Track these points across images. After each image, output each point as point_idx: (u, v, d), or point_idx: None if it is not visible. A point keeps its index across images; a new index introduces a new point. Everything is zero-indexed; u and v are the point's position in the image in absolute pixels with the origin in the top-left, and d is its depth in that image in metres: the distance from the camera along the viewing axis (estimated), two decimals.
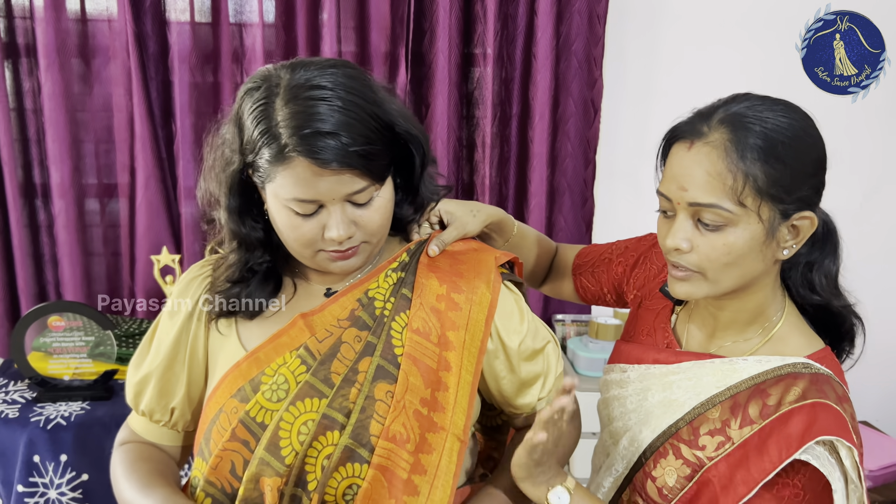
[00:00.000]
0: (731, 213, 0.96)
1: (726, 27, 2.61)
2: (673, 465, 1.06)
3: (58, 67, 2.17)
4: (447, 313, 1.07)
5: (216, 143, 1.04)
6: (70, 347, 1.89)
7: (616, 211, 2.65)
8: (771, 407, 0.99)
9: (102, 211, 2.35)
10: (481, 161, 2.45)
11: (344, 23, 2.33)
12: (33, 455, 1.74)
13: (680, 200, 0.99)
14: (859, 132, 2.74)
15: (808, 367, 1.02)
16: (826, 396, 0.98)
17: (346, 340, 1.04)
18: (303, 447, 0.99)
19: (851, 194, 2.81)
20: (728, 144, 0.95)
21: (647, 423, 1.11)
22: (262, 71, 1.01)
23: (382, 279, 1.09)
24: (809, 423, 0.96)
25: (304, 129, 0.92)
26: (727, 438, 1.02)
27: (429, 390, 1.03)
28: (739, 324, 1.09)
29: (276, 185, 0.96)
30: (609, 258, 1.36)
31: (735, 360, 1.06)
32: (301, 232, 0.98)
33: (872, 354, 3.13)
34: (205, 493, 1.02)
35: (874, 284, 2.84)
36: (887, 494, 2.46)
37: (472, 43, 2.40)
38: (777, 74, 2.68)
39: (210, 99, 2.31)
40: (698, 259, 1.00)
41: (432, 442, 1.02)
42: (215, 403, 1.05)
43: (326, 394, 1.01)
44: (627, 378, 1.18)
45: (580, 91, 2.45)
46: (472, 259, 1.13)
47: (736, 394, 1.04)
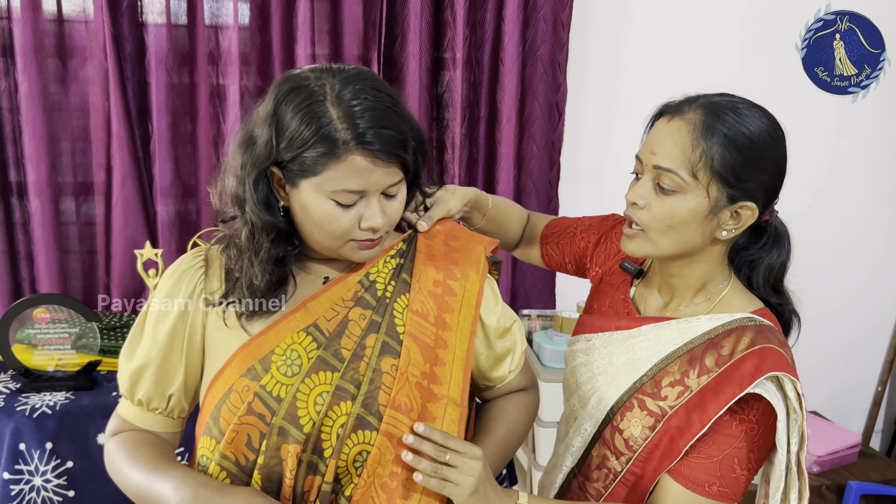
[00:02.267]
0: (684, 181, 1.10)
1: (726, 27, 2.65)
2: (638, 417, 1.18)
3: (35, 67, 2.19)
4: (443, 297, 1.17)
5: (244, 144, 1.08)
6: (54, 339, 1.92)
7: (579, 210, 2.69)
8: (725, 356, 1.12)
9: (78, 209, 2.37)
10: (451, 161, 2.54)
11: (318, 26, 2.40)
12: (19, 443, 1.76)
13: (648, 163, 1.13)
14: (859, 132, 2.80)
15: (753, 321, 1.15)
16: (771, 342, 1.11)
17: (353, 318, 1.12)
18: (319, 416, 1.06)
19: (852, 194, 2.88)
20: (698, 123, 1.09)
21: (612, 383, 1.23)
22: (294, 75, 1.07)
23: (382, 265, 1.18)
24: (759, 364, 1.09)
25: (364, 125, 1.01)
26: (686, 388, 1.14)
27: (427, 365, 1.12)
28: (690, 290, 1.22)
29: (322, 178, 1.03)
30: (573, 232, 1.50)
31: (689, 320, 1.19)
32: (340, 223, 1.06)
33: (822, 349, 3.26)
34: (220, 468, 1.07)
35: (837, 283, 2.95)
36: (833, 478, 2.60)
37: (442, 47, 2.48)
38: (777, 74, 2.71)
39: (186, 99, 2.35)
40: (647, 217, 1.14)
41: (433, 410, 1.12)
42: (223, 384, 1.09)
43: (338, 367, 1.09)
44: (593, 346, 1.29)
45: (545, 95, 2.55)
46: (465, 248, 1.24)
47: (692, 348, 1.16)
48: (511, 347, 1.27)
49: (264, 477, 1.06)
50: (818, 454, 2.60)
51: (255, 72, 2.38)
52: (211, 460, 1.09)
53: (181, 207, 2.43)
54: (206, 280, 1.16)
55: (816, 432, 2.72)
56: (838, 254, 2.98)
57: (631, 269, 1.32)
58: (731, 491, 1.12)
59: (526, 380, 1.32)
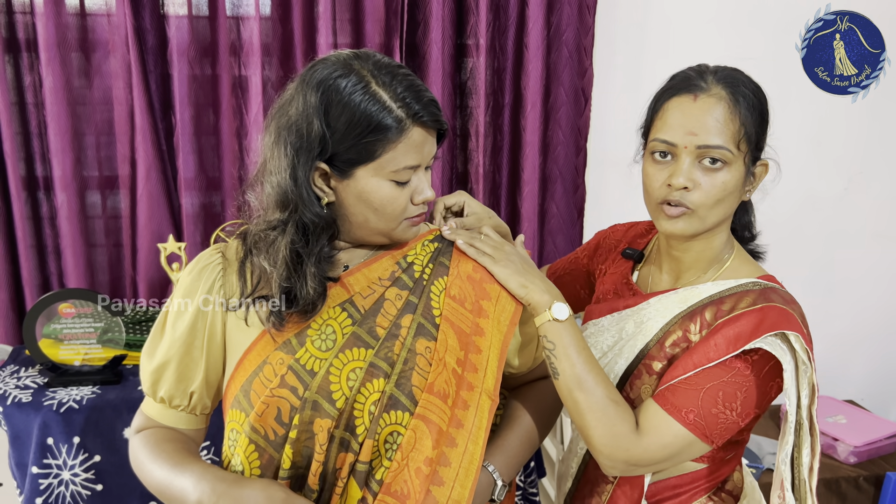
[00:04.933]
0: (732, 153, 1.12)
1: (724, 25, 2.62)
2: (647, 383, 1.19)
3: (58, 62, 2.20)
4: (482, 284, 1.17)
5: (290, 141, 1.05)
6: (80, 334, 1.92)
7: (607, 197, 2.70)
8: (725, 311, 1.14)
9: (104, 202, 2.38)
10: (475, 150, 2.50)
11: (339, 15, 2.38)
12: (47, 437, 1.77)
13: (688, 144, 1.13)
14: (859, 132, 2.76)
15: (757, 285, 1.17)
16: (773, 301, 1.12)
17: (389, 298, 1.13)
18: (352, 392, 1.06)
19: (851, 194, 2.85)
20: (729, 97, 1.12)
21: (621, 355, 1.24)
22: (326, 67, 1.06)
23: (420, 248, 1.19)
24: (760, 321, 1.09)
25: (412, 100, 1.05)
26: (688, 342, 1.16)
27: (463, 352, 1.12)
28: (703, 262, 1.23)
29: (382, 161, 1.05)
30: (575, 258, 1.53)
31: (696, 286, 1.20)
32: (399, 202, 1.08)
33: (857, 336, 3.21)
34: (249, 440, 1.07)
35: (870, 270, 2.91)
36: (871, 469, 2.54)
37: (465, 34, 2.45)
38: (777, 74, 2.68)
39: (208, 91, 2.35)
40: (699, 197, 1.14)
41: (467, 399, 1.11)
42: (257, 356, 1.09)
43: (372, 345, 1.09)
44: (602, 328, 1.30)
45: (571, 80, 2.50)
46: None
47: (694, 308, 1.17)
48: (536, 334, 1.24)
49: (296, 452, 1.06)
50: (855, 444, 2.54)
51: (276, 62, 2.37)
52: (240, 433, 1.09)
53: (205, 200, 2.43)
54: (225, 276, 1.15)
55: (853, 422, 2.66)
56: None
57: (632, 254, 1.35)
58: (707, 425, 1.10)
59: None
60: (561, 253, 2.63)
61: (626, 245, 1.40)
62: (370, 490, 1.06)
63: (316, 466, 1.05)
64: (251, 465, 1.08)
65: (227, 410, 1.13)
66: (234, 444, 1.11)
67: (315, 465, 1.05)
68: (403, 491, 1.04)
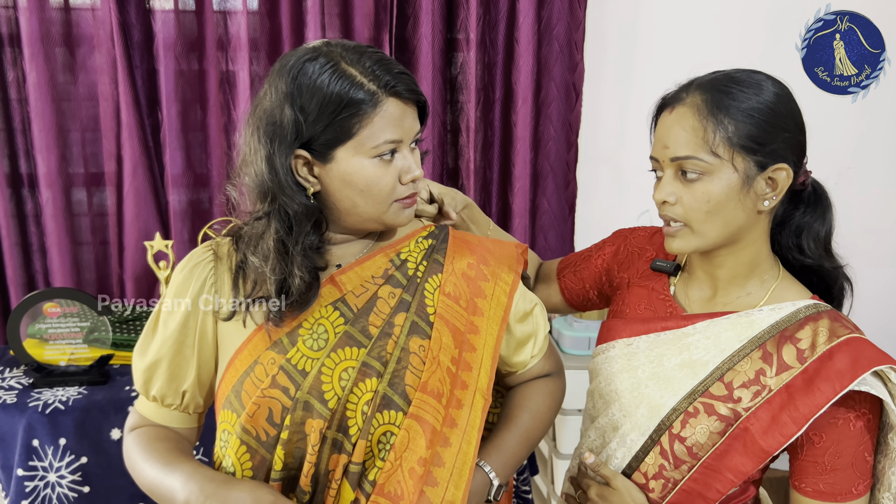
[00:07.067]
0: (706, 162, 1.07)
1: (720, 24, 2.61)
2: (705, 423, 1.12)
3: (42, 57, 2.16)
4: (477, 281, 1.16)
5: (265, 132, 1.04)
6: (65, 333, 1.90)
7: (598, 193, 2.69)
8: (806, 350, 1.08)
9: (90, 200, 2.35)
10: (466, 145, 2.48)
11: (328, 9, 2.35)
12: (32, 439, 1.74)
13: (664, 158, 1.10)
14: (859, 132, 2.76)
15: (818, 307, 1.12)
16: (853, 331, 1.08)
17: (382, 296, 1.11)
18: (344, 392, 1.04)
19: (851, 194, 2.81)
20: (700, 103, 1.08)
21: (668, 388, 1.16)
22: (294, 55, 1.06)
23: (413, 245, 1.17)
24: (855, 357, 1.05)
25: (383, 73, 1.03)
26: (763, 387, 1.09)
27: (457, 350, 1.11)
28: (739, 278, 1.17)
29: (360, 137, 1.03)
30: (589, 255, 1.46)
31: (750, 313, 1.14)
32: (386, 182, 1.06)
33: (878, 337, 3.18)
34: (240, 441, 1.06)
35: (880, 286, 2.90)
36: None
37: (455, 28, 2.43)
38: (777, 74, 2.67)
39: (195, 87, 2.32)
40: (683, 210, 1.10)
41: (461, 398, 1.10)
42: (248, 356, 1.08)
43: (365, 344, 1.07)
44: (635, 349, 1.23)
45: (562, 75, 2.49)
46: (498, 243, 1.25)
47: (762, 344, 1.11)
48: (532, 332, 1.24)
49: (287, 453, 1.05)
50: None
51: (264, 57, 2.34)
52: (232, 434, 1.08)
53: (193, 197, 2.40)
54: (217, 274, 1.14)
55: None
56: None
57: (666, 267, 1.28)
58: (870, 477, 1.10)
59: (550, 365, 1.30)
60: (552, 248, 2.61)
61: (653, 253, 1.33)
62: (363, 491, 1.04)
63: (308, 467, 1.04)
64: (243, 466, 1.07)
65: (219, 411, 1.13)
66: (225, 445, 1.09)
67: (307, 466, 1.04)
68: (397, 492, 1.03)
